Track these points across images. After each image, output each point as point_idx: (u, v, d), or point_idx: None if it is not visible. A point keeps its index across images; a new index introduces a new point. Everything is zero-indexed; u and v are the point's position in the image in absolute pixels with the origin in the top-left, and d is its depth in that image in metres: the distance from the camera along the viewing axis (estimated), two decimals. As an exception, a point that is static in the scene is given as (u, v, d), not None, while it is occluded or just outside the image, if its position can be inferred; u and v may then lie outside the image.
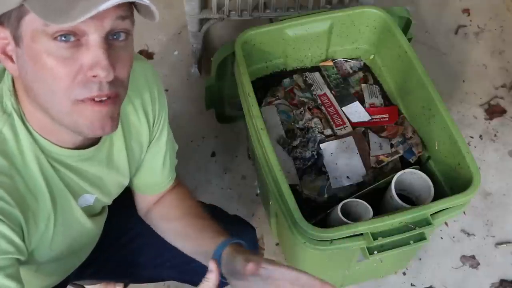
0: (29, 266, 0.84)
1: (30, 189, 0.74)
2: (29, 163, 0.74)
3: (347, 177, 1.31)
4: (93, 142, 0.81)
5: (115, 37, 0.68)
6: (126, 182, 0.95)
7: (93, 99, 0.68)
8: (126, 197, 1.01)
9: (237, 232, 0.99)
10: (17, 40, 0.67)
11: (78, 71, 0.66)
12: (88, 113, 0.69)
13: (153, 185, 1.00)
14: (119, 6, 0.64)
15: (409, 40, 1.42)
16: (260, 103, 1.40)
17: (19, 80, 0.72)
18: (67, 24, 0.61)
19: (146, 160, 0.96)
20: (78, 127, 0.70)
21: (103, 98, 0.69)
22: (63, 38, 0.64)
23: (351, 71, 1.52)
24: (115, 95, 0.70)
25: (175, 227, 0.98)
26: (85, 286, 1.38)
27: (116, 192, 0.96)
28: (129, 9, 0.68)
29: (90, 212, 0.90)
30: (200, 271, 1.08)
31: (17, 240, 0.71)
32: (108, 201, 0.95)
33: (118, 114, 0.73)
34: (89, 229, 0.92)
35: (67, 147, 0.77)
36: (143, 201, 1.03)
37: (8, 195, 0.70)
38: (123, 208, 1.06)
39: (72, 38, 0.64)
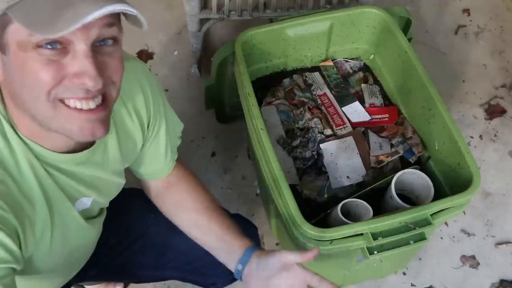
0: (31, 274, 0.83)
1: (25, 195, 0.73)
2: (23, 169, 0.73)
3: (347, 177, 1.30)
4: (87, 145, 0.80)
5: (102, 43, 0.67)
6: (122, 182, 0.95)
7: (80, 108, 0.67)
8: (127, 199, 1.01)
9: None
10: (2, 47, 0.66)
11: (63, 76, 0.65)
12: (75, 119, 0.68)
13: (158, 171, 1.02)
14: (105, 14, 0.63)
15: (409, 40, 1.42)
16: (260, 103, 1.39)
17: (5, 86, 0.71)
18: (52, 36, 0.60)
19: (148, 153, 0.97)
20: (67, 132, 0.70)
21: (92, 107, 0.68)
22: (48, 46, 0.63)
23: (351, 71, 1.52)
24: (104, 101, 0.69)
25: (197, 218, 1.00)
26: (85, 286, 1.38)
27: (113, 192, 0.96)
28: (116, 16, 0.67)
29: (87, 215, 0.90)
30: (202, 271, 1.09)
31: (13, 247, 0.69)
32: (105, 202, 0.94)
33: (109, 117, 0.72)
34: (88, 232, 0.91)
35: (60, 152, 0.76)
36: (150, 186, 1.05)
37: (2, 201, 0.69)
38: (125, 209, 1.06)
39: (59, 46, 0.64)
